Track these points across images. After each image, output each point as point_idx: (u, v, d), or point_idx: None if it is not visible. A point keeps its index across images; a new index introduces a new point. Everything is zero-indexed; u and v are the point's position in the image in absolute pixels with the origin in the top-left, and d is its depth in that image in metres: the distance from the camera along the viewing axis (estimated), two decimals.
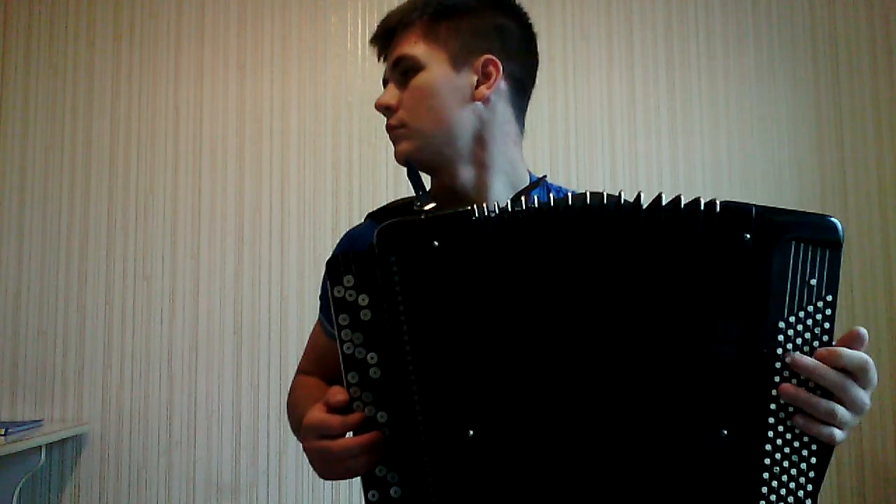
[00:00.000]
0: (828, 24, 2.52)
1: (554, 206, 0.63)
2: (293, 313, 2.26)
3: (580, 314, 0.62)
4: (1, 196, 2.28)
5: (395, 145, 0.84)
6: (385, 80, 0.86)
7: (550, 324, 0.62)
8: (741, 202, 0.62)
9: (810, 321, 0.61)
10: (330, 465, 0.66)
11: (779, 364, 0.61)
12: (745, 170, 2.45)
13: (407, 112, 0.82)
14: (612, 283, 0.62)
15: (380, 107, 0.84)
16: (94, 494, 2.19)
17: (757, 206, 0.61)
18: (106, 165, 2.31)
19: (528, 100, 0.89)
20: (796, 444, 0.61)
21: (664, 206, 0.61)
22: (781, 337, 0.61)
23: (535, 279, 0.62)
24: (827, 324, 0.62)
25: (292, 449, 2.21)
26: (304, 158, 2.34)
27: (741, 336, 0.61)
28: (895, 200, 2.44)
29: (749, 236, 0.61)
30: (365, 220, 0.93)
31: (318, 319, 0.96)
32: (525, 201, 0.63)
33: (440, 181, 0.85)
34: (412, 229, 0.62)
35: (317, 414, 0.65)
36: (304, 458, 2.19)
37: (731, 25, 2.50)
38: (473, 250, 0.62)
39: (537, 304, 0.62)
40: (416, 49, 0.81)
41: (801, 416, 0.61)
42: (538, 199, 0.64)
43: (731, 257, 0.61)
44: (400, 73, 0.82)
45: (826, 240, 0.61)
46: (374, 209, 0.92)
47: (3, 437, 1.84)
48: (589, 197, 0.63)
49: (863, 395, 0.61)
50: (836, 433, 0.61)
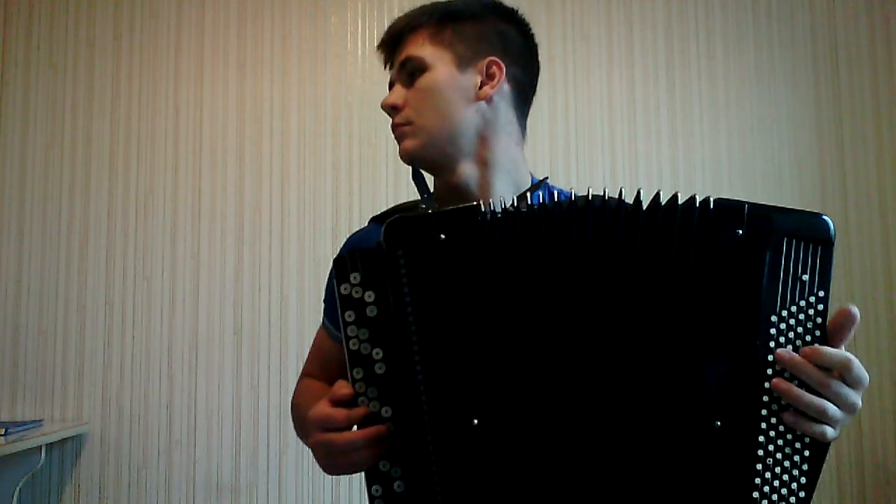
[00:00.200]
0: (828, 24, 2.52)
1: (557, 204, 0.65)
2: (293, 313, 2.26)
3: (583, 308, 0.64)
4: (1, 196, 2.28)
5: (399, 143, 0.86)
6: (391, 84, 0.88)
7: (553, 317, 0.64)
8: (734, 199, 0.63)
9: (802, 315, 0.63)
10: (334, 459, 0.67)
11: (771, 357, 0.63)
12: (745, 170, 2.45)
13: (413, 110, 0.84)
14: (613, 278, 0.64)
15: (386, 106, 0.86)
16: (94, 494, 2.19)
17: (749, 204, 0.63)
18: (106, 165, 2.31)
19: (530, 105, 0.91)
20: (789, 437, 0.63)
21: (662, 205, 0.64)
22: (774, 331, 0.63)
23: (538, 274, 0.64)
24: (819, 318, 0.63)
25: (292, 449, 2.21)
26: (304, 158, 2.34)
27: (735, 328, 0.63)
28: (895, 200, 2.44)
29: (741, 232, 0.63)
30: (368, 224, 0.95)
31: (322, 323, 0.98)
32: (529, 198, 0.66)
33: (444, 180, 0.87)
34: (419, 223, 0.64)
35: (322, 408, 0.66)
36: (304, 458, 2.19)
37: (731, 25, 2.50)
38: (479, 244, 0.64)
39: (541, 297, 0.64)
40: (422, 51, 0.84)
41: (791, 413, 0.62)
42: (543, 197, 0.67)
43: (725, 253, 0.63)
44: (407, 73, 0.85)
45: (818, 237, 0.63)
46: (374, 210, 0.93)
47: (3, 437, 1.84)
48: (591, 196, 0.65)
49: (850, 394, 0.62)
50: (828, 430, 0.62)
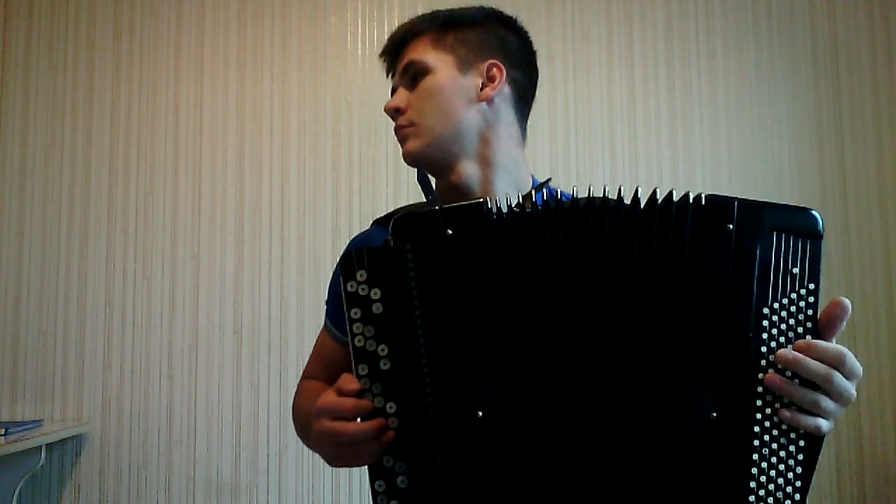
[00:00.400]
0: (828, 24, 2.52)
1: (560, 203, 0.67)
2: (293, 313, 2.26)
3: (585, 304, 0.66)
4: (1, 196, 2.29)
5: (402, 145, 0.88)
6: (394, 89, 0.91)
7: (557, 313, 0.66)
8: (726, 195, 0.66)
9: (794, 308, 0.65)
10: (339, 449, 0.67)
11: (764, 348, 0.64)
12: (745, 170, 2.45)
13: (415, 112, 0.86)
14: (613, 273, 0.66)
15: (389, 109, 0.88)
16: (94, 494, 2.19)
17: (739, 199, 0.65)
18: (106, 165, 2.31)
19: (530, 109, 0.93)
20: (784, 428, 0.64)
21: (658, 203, 0.66)
22: (766, 322, 0.65)
23: (543, 271, 0.66)
24: (810, 311, 0.65)
25: (292, 449, 2.21)
26: (304, 158, 2.34)
27: (728, 320, 0.65)
28: (895, 200, 2.44)
29: (732, 227, 0.65)
30: (371, 227, 0.96)
31: (324, 325, 0.99)
32: (533, 196, 0.68)
33: (446, 180, 0.88)
34: (427, 219, 0.66)
35: (330, 397, 0.67)
36: (304, 458, 2.19)
37: (731, 25, 2.50)
38: (485, 240, 0.66)
39: (545, 294, 0.66)
40: (424, 55, 0.87)
41: (787, 409, 0.63)
42: (546, 194, 0.69)
43: (717, 247, 0.65)
44: (409, 77, 0.88)
45: (807, 231, 0.65)
46: (374, 210, 0.94)
47: (3, 437, 1.84)
48: (592, 196, 0.67)
49: (846, 385, 0.63)
50: (822, 423, 0.63)
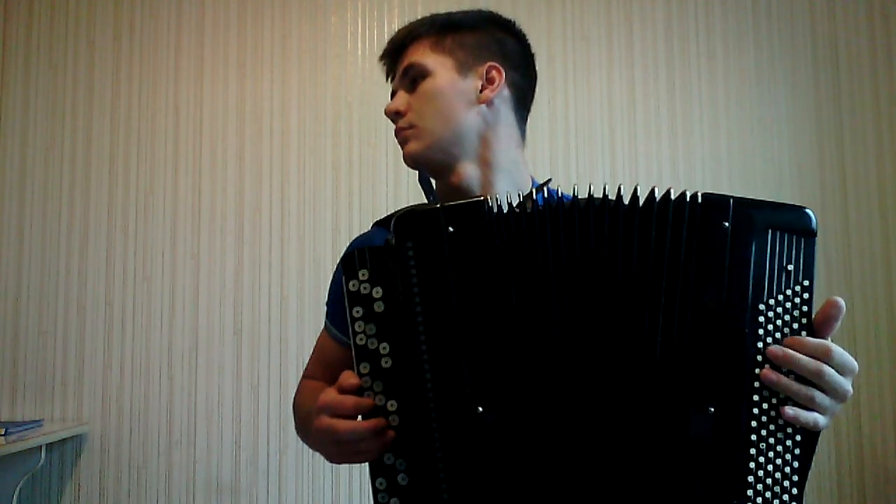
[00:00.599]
0: (828, 24, 2.52)
1: (561, 203, 0.68)
2: (293, 313, 2.26)
3: (585, 301, 0.67)
4: (1, 196, 2.29)
5: (403, 147, 0.89)
6: (393, 92, 0.91)
7: (557, 311, 0.66)
8: (721, 194, 0.67)
9: (789, 304, 0.66)
10: (340, 447, 0.68)
11: (760, 344, 0.65)
12: (745, 170, 2.45)
13: (416, 114, 0.87)
14: (613, 271, 0.67)
15: (389, 112, 0.89)
16: (94, 494, 2.19)
17: (735, 198, 0.67)
18: (106, 165, 2.31)
19: (528, 111, 0.94)
20: (781, 422, 0.65)
21: (657, 201, 0.67)
22: (762, 319, 0.66)
23: (543, 269, 0.67)
24: (805, 307, 0.66)
25: (292, 449, 2.21)
26: (304, 158, 2.34)
27: (725, 317, 0.66)
28: (895, 200, 2.44)
29: (728, 224, 0.66)
30: (371, 228, 0.96)
31: (325, 326, 0.99)
32: (533, 195, 0.68)
33: (447, 182, 0.89)
34: (428, 216, 0.67)
35: (330, 394, 0.68)
36: (304, 458, 2.19)
37: (731, 25, 2.50)
38: (486, 237, 0.67)
39: (545, 291, 0.67)
40: (424, 58, 0.87)
41: (788, 408, 0.64)
42: (547, 193, 0.70)
43: (713, 244, 0.66)
44: (409, 80, 0.89)
45: (801, 229, 0.67)
46: (374, 210, 0.94)
47: (3, 437, 1.84)
48: (591, 196, 0.68)
49: (839, 380, 0.64)
50: (819, 418, 0.64)
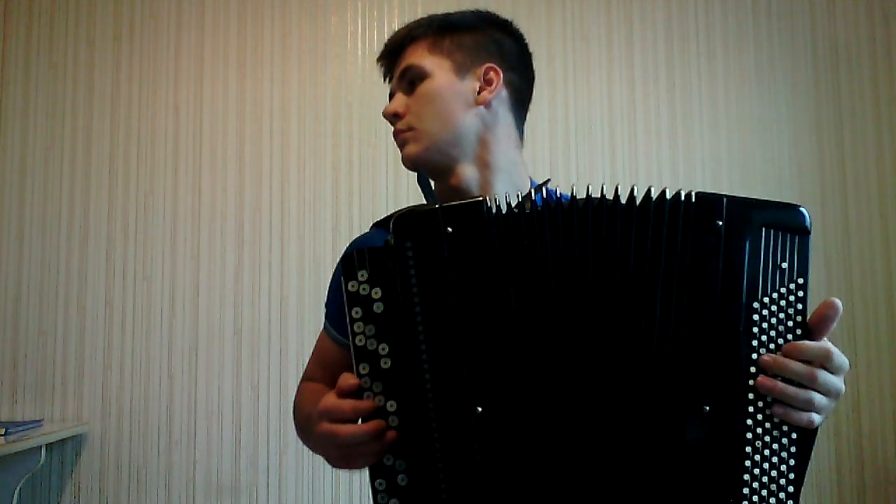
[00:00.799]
0: (828, 24, 2.52)
1: (559, 203, 0.68)
2: (293, 313, 2.26)
3: (583, 301, 0.67)
4: (1, 196, 2.29)
5: (402, 149, 0.89)
6: (391, 94, 0.91)
7: (555, 310, 0.67)
8: (715, 193, 0.67)
9: (783, 302, 0.66)
10: (340, 451, 0.68)
11: (755, 342, 0.66)
12: (745, 170, 2.45)
13: (414, 116, 0.87)
14: (610, 271, 0.67)
15: (388, 115, 0.89)
16: (94, 494, 2.19)
17: (728, 196, 0.67)
18: (106, 165, 2.31)
19: (527, 111, 0.94)
20: (776, 421, 0.66)
21: (653, 200, 0.67)
22: (756, 317, 0.66)
23: (541, 269, 0.67)
24: (800, 304, 0.67)
25: (292, 449, 2.21)
26: (304, 158, 2.34)
27: (719, 315, 0.66)
28: (895, 200, 2.44)
29: (721, 223, 0.66)
30: (370, 229, 0.96)
31: (324, 327, 0.99)
32: (532, 196, 0.69)
33: (446, 183, 0.89)
34: (427, 217, 0.67)
35: (330, 399, 0.68)
36: (304, 458, 2.19)
37: (731, 25, 2.50)
38: (485, 238, 0.67)
39: (544, 291, 0.67)
40: (422, 60, 0.87)
41: (779, 406, 0.65)
42: (546, 193, 0.70)
43: (707, 242, 0.66)
44: (407, 82, 0.88)
45: (795, 227, 0.67)
46: (374, 211, 0.94)
47: (3, 437, 1.84)
48: (589, 196, 0.68)
49: (834, 380, 0.66)
50: (815, 417, 0.66)
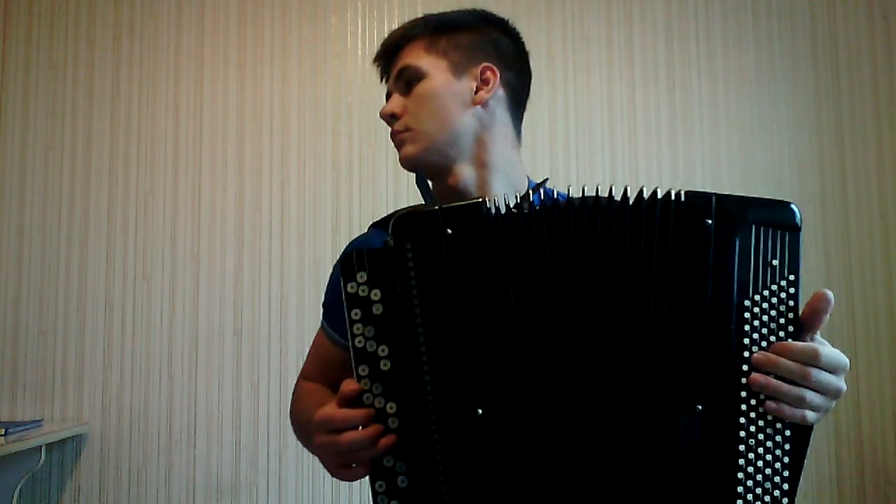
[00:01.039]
0: (828, 24, 2.52)
1: (556, 204, 0.68)
2: (293, 313, 2.26)
3: (581, 301, 0.67)
4: (1, 196, 2.29)
5: (399, 150, 0.88)
6: (388, 94, 0.91)
7: (554, 311, 0.67)
8: (704, 191, 0.67)
9: (775, 299, 0.66)
10: (340, 459, 0.68)
11: (747, 340, 0.65)
12: (745, 170, 2.45)
13: (411, 117, 0.86)
14: (606, 270, 0.67)
15: (385, 115, 0.88)
16: (94, 494, 2.19)
17: (717, 195, 0.67)
18: (106, 165, 2.31)
19: (524, 110, 0.93)
20: (770, 419, 0.65)
21: (645, 200, 0.67)
22: (748, 314, 0.65)
23: (540, 269, 0.67)
24: (791, 301, 0.66)
25: (292, 449, 2.21)
26: (304, 158, 2.34)
27: (711, 313, 0.66)
28: (895, 200, 2.44)
29: (710, 222, 0.66)
30: (369, 230, 0.96)
31: (321, 326, 0.99)
32: (530, 196, 0.69)
33: (443, 183, 0.89)
34: (426, 218, 0.67)
35: (327, 409, 0.68)
36: (304, 458, 2.19)
37: (731, 25, 2.50)
38: (484, 239, 0.67)
39: (543, 292, 0.67)
40: (418, 60, 0.87)
41: (771, 402, 0.65)
42: (544, 193, 0.70)
43: (697, 241, 0.66)
44: (404, 82, 0.88)
45: (785, 224, 0.67)
46: (374, 210, 0.94)
47: (3, 437, 1.84)
48: (586, 196, 0.69)
49: (830, 378, 0.65)
50: (808, 414, 0.65)
